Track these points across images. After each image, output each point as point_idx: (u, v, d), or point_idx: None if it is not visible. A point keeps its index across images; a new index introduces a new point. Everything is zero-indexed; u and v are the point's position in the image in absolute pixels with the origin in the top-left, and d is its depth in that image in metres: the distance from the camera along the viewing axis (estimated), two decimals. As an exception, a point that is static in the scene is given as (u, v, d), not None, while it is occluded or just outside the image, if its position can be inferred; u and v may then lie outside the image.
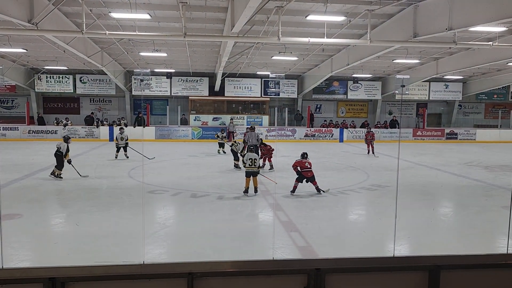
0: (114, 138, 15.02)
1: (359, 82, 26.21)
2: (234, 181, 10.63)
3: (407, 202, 8.82)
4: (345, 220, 7.87)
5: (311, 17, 11.74)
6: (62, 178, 10.75)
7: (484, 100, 29.15)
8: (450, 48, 16.06)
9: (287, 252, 5.78)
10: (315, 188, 9.38)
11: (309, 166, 9.41)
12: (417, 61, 19.91)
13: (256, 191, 9.23)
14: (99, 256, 5.41)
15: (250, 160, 9.20)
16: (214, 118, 25.10)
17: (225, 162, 13.60)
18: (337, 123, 26.18)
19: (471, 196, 9.93)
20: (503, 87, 27.59)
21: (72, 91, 24.82)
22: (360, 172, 12.80)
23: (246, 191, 9.15)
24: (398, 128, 25.74)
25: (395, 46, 13.75)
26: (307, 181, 9.37)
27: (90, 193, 9.51)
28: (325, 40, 12.32)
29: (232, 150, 13.41)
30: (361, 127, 25.80)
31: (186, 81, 25.24)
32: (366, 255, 3.31)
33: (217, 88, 24.91)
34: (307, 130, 24.35)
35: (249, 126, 15.09)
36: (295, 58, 19.03)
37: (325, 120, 26.49)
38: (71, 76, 24.44)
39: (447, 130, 25.60)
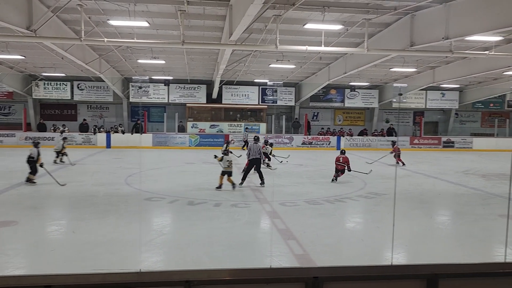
0: (61, 146, 14.99)
1: (356, 90, 26.38)
2: (231, 189, 10.61)
3: (405, 210, 8.82)
4: (342, 228, 7.85)
5: (308, 26, 11.84)
6: (35, 183, 10.70)
7: (480, 109, 29.34)
8: (446, 57, 16.19)
9: (285, 260, 5.74)
10: (334, 176, 11.99)
11: (341, 161, 11.81)
12: (414, 69, 20.06)
13: (234, 186, 10.57)
14: (96, 264, 5.36)
15: (228, 162, 10.53)
16: (211, 125, 25.13)
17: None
18: (334, 131, 26.24)
19: (468, 204, 9.93)
20: (499, 96, 27.83)
21: (69, 98, 24.83)
22: (357, 180, 12.80)
23: (219, 187, 10.48)
24: (395, 136, 25.79)
25: (392, 55, 13.86)
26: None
27: (87, 200, 9.46)
28: (322, 48, 12.42)
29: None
30: (359, 134, 25.87)
31: (184, 88, 25.30)
32: (364, 263, 3.30)
33: (214, 95, 24.98)
34: (305, 138, 24.39)
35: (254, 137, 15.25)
36: (293, 66, 19.12)
37: (322, 128, 26.57)
38: (68, 83, 24.48)
39: (444, 139, 25.70)
